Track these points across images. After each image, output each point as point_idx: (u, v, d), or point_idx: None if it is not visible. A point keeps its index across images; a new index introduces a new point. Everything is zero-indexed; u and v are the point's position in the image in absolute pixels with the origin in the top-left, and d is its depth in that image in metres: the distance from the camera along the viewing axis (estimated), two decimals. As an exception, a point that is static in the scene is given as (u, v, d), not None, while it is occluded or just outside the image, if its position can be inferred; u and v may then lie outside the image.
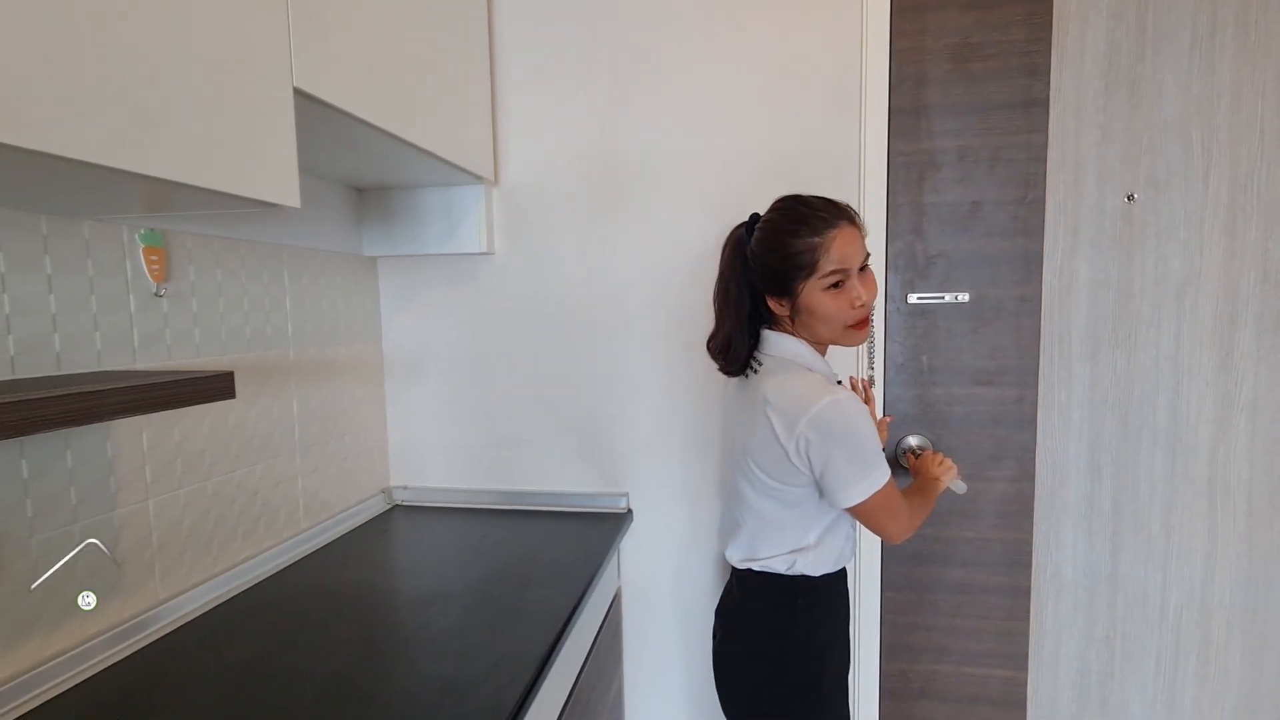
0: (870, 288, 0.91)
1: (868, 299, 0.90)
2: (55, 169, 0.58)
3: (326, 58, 0.84)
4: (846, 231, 0.88)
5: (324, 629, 0.96)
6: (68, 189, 0.70)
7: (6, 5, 0.49)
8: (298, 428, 1.24)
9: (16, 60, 0.50)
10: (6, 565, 0.76)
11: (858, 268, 0.89)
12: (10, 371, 0.76)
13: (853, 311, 0.89)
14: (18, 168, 0.58)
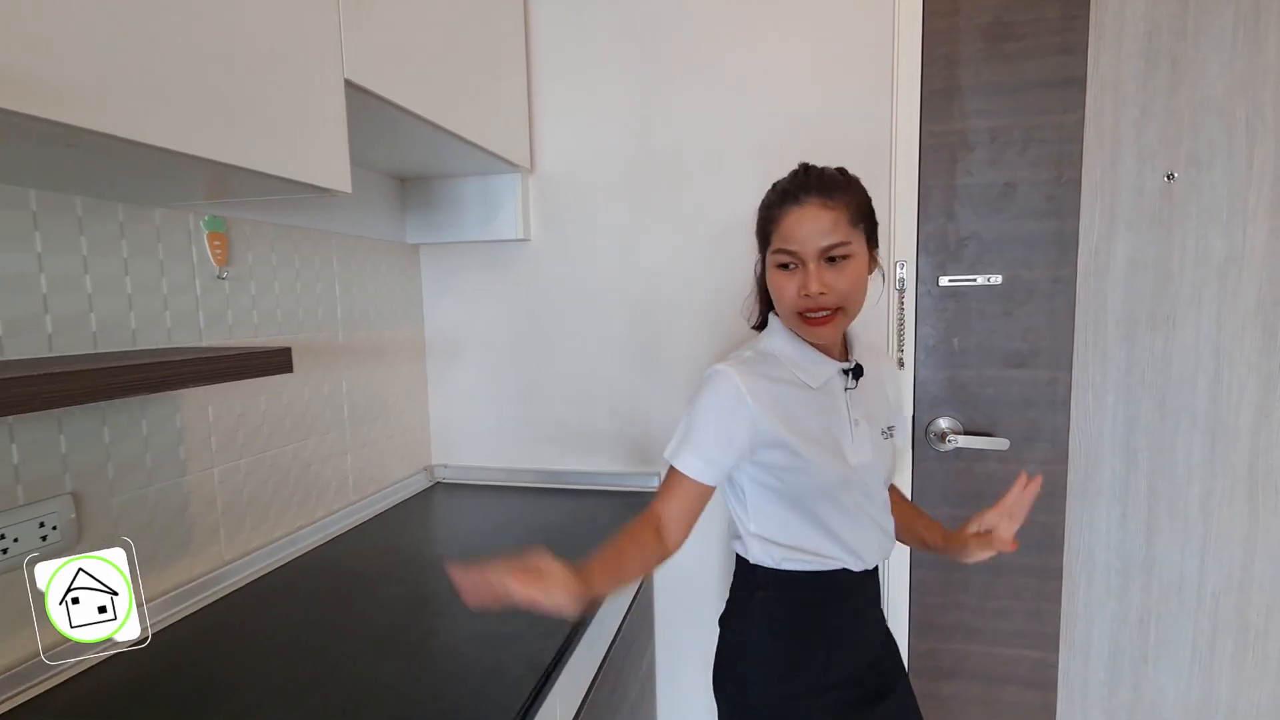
0: (829, 282, 0.80)
1: (815, 291, 0.79)
2: (140, 156, 0.64)
3: (374, 51, 0.89)
4: (809, 211, 0.80)
5: (375, 590, 1.02)
6: (144, 177, 0.77)
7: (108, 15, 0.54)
8: (346, 406, 1.30)
9: (114, 61, 0.55)
10: (90, 524, 0.83)
11: (818, 254, 0.80)
12: (93, 346, 0.83)
13: (799, 299, 0.82)
14: (110, 157, 0.64)
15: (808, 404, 0.86)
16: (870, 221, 0.86)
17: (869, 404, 0.92)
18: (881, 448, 0.92)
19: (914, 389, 1.38)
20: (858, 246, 0.82)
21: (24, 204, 0.75)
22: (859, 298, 0.84)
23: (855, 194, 0.83)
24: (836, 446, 0.86)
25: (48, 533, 0.77)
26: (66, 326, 0.80)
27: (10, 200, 0.74)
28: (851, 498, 0.88)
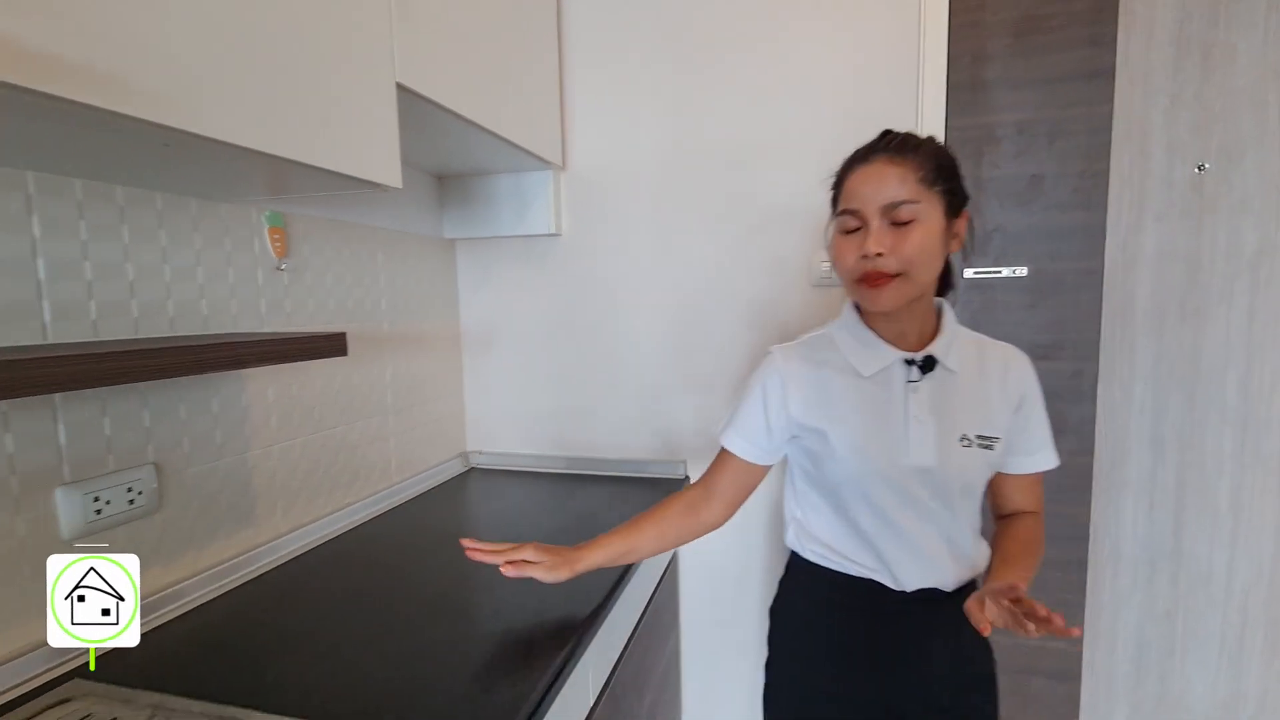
0: (890, 244, 0.74)
1: (873, 250, 0.74)
2: (219, 154, 0.71)
3: (421, 55, 0.95)
4: (875, 167, 0.76)
5: (420, 562, 1.09)
6: (216, 174, 0.84)
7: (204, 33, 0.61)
8: (390, 392, 1.38)
9: (207, 71, 0.62)
10: (169, 492, 0.91)
11: (880, 212, 0.74)
12: (169, 329, 0.91)
13: (860, 262, 0.76)
14: (193, 155, 0.71)
15: (854, 392, 0.83)
16: (950, 186, 0.76)
17: (948, 403, 0.80)
18: (959, 456, 0.79)
19: (938, 380, 1.40)
20: (929, 209, 0.74)
21: (111, 199, 0.83)
22: (927, 266, 0.76)
23: (932, 154, 0.76)
24: (883, 442, 0.80)
25: (134, 497, 0.85)
26: (149, 312, 0.88)
27: (100, 195, 0.82)
28: (894, 503, 0.81)
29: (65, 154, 0.71)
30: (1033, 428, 0.84)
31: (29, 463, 0.75)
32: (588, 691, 0.93)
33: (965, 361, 0.82)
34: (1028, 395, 0.83)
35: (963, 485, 0.81)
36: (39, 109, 0.52)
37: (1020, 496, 0.88)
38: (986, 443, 0.81)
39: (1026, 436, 0.84)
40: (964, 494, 0.82)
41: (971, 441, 0.80)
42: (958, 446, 0.80)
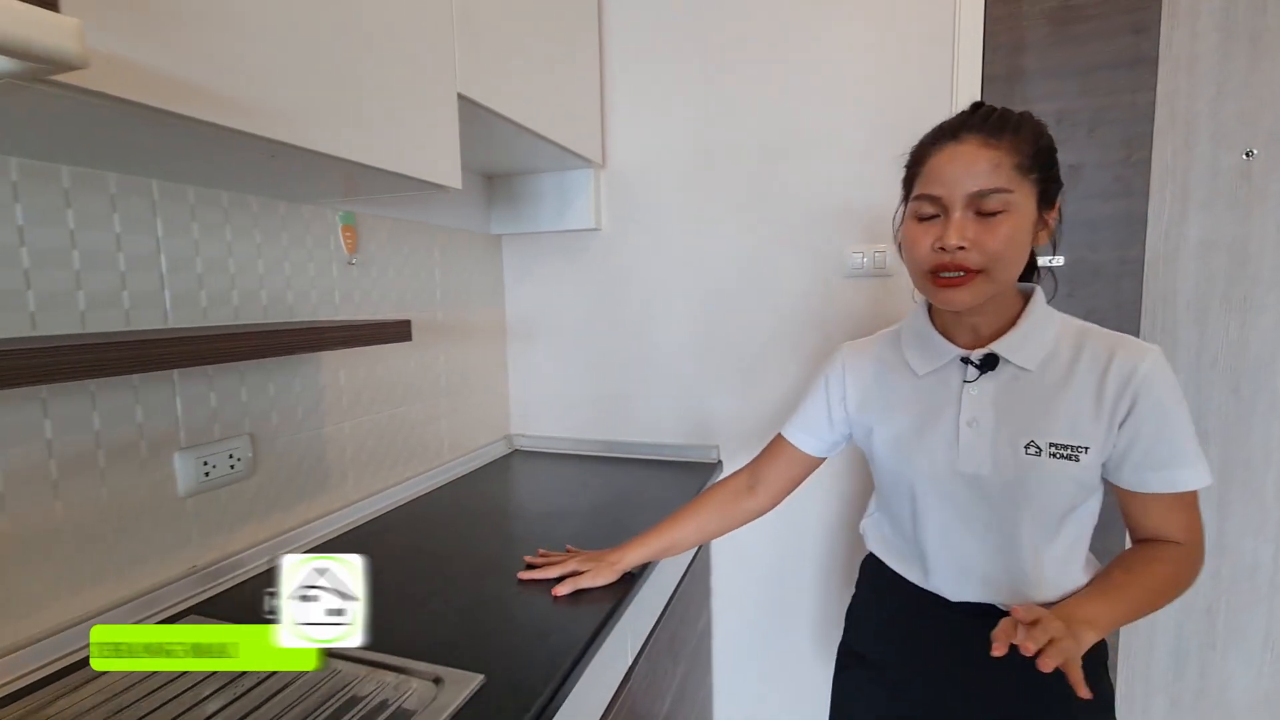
0: (974, 237, 0.67)
1: (954, 244, 0.66)
2: (311, 162, 0.81)
3: (479, 67, 1.04)
4: (966, 148, 0.67)
5: (471, 530, 1.19)
6: (303, 179, 0.95)
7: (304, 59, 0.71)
8: (443, 377, 1.49)
9: (305, 92, 0.72)
10: (262, 459, 1.04)
11: (966, 201, 0.67)
12: (262, 317, 1.04)
13: (935, 253, 0.69)
14: (288, 163, 0.82)
15: (908, 390, 0.80)
16: (1046, 173, 0.69)
17: (1017, 405, 0.73)
18: (1024, 465, 0.71)
19: (973, 369, 1.42)
20: (1022, 200, 0.67)
21: (217, 203, 0.96)
22: (1013, 263, 0.68)
23: (1032, 135, 0.68)
24: (929, 444, 0.77)
25: (234, 463, 0.98)
26: (246, 301, 1.00)
27: (209, 200, 0.94)
28: (939, 510, 0.77)
29: (182, 164, 0.83)
30: (1157, 437, 0.69)
31: (153, 430, 0.88)
32: (626, 651, 1.02)
33: (1052, 358, 0.72)
34: (1142, 398, 0.68)
35: (1030, 498, 0.72)
36: (175, 127, 0.63)
37: (1152, 520, 0.73)
38: (1067, 452, 0.70)
39: (1147, 448, 0.69)
40: (1037, 509, 0.72)
41: (1041, 450, 0.71)
42: (1023, 454, 0.71)
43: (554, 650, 0.77)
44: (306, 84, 0.73)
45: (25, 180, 0.74)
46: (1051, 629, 0.58)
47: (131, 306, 0.85)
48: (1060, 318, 0.76)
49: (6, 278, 0.72)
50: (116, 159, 0.79)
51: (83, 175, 0.79)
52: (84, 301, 0.80)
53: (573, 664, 0.75)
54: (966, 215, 0.68)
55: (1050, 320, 0.75)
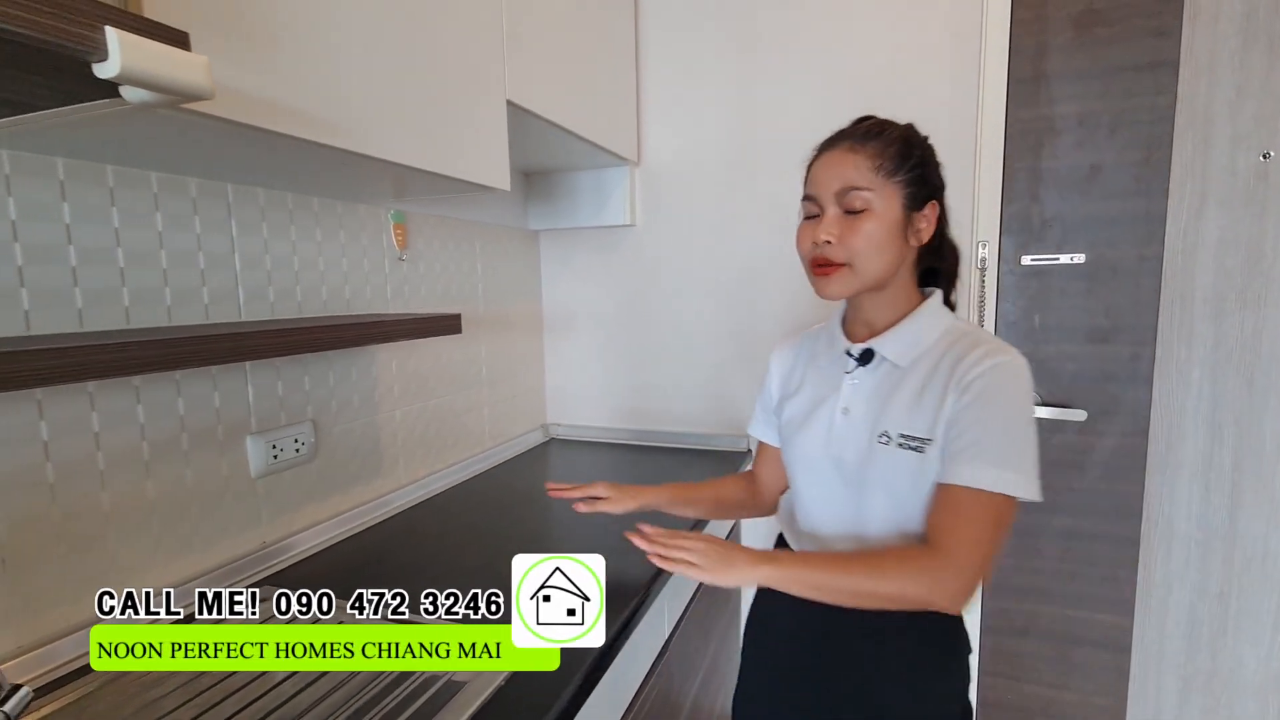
0: (838, 233, 0.74)
1: (821, 238, 0.74)
2: (372, 168, 0.87)
3: (527, 75, 1.09)
4: (837, 154, 0.76)
5: (513, 512, 1.26)
6: (361, 181, 1.01)
7: (369, 80, 0.77)
8: (484, 368, 1.56)
9: (373, 106, 0.78)
10: (323, 444, 1.11)
11: (834, 198, 0.75)
12: (322, 310, 1.10)
13: (811, 248, 0.77)
14: (354, 169, 0.88)
15: (810, 377, 0.88)
16: (914, 176, 0.75)
17: (884, 398, 0.77)
18: (875, 453, 0.75)
19: (993, 363, 1.46)
20: (883, 201, 0.73)
21: (283, 205, 1.02)
22: (875, 259, 0.74)
23: (897, 142, 0.75)
24: (815, 428, 0.83)
25: (299, 447, 1.05)
26: (311, 296, 1.07)
27: (276, 201, 1.00)
28: (814, 489, 0.84)
29: (256, 170, 0.89)
30: (965, 429, 0.70)
31: (229, 416, 0.95)
32: (664, 624, 1.08)
33: (924, 357, 0.76)
34: (969, 392, 0.70)
35: (877, 483, 0.76)
36: (268, 142, 0.69)
37: (931, 516, 0.71)
38: (914, 444, 0.73)
39: (954, 437, 0.70)
40: (883, 493, 0.76)
41: (890, 439, 0.74)
42: (876, 443, 0.75)
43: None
44: (380, 101, 0.79)
45: (120, 186, 0.80)
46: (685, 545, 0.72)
47: (210, 302, 0.92)
48: (951, 323, 0.79)
49: (105, 275, 0.79)
50: (200, 166, 0.85)
51: (168, 181, 0.86)
52: (170, 298, 0.87)
53: (621, 627, 0.82)
54: (836, 213, 0.75)
55: (937, 323, 0.79)
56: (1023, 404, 0.71)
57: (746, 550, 0.74)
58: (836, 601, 0.71)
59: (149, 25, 0.45)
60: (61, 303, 0.74)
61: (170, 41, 0.46)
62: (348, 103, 0.74)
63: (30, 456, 0.72)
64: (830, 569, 0.71)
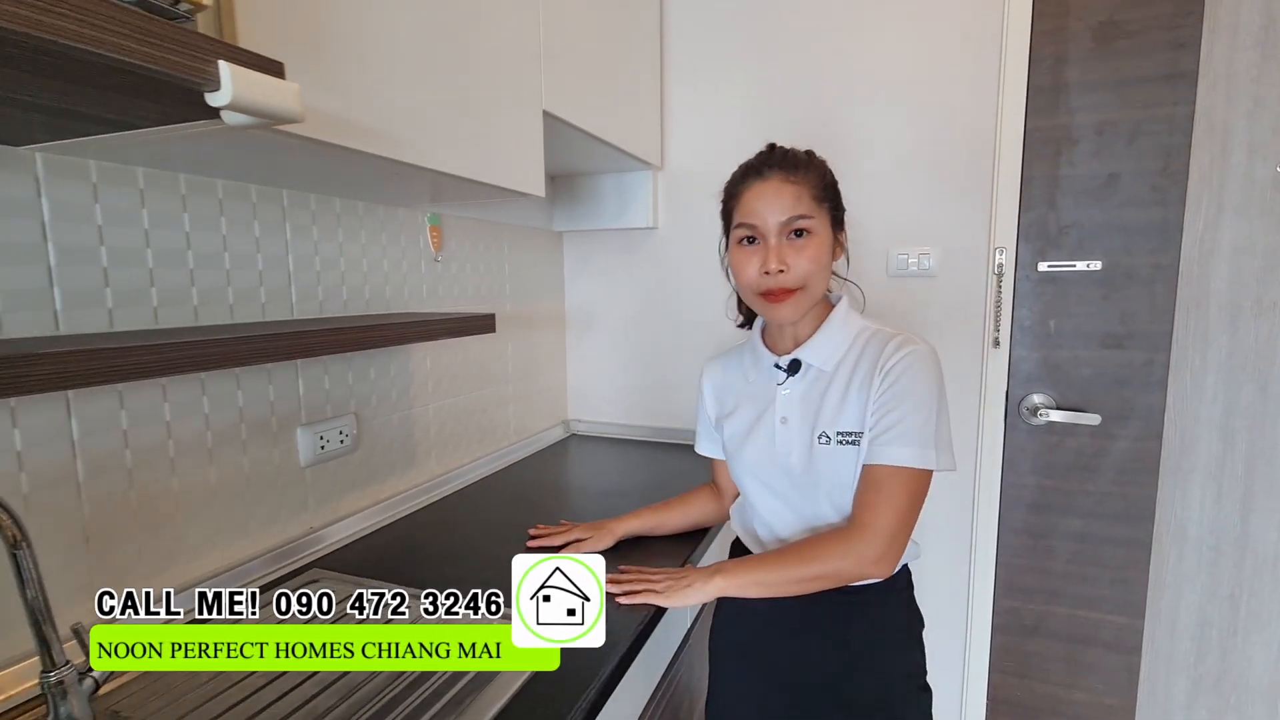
0: (789, 260, 0.79)
1: (775, 267, 0.79)
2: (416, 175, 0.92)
3: (561, 86, 1.14)
4: (771, 185, 0.81)
5: (541, 503, 1.31)
6: (404, 188, 1.07)
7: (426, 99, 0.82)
8: (510, 365, 1.61)
9: (423, 120, 0.83)
10: (363, 436, 1.17)
11: (779, 229, 0.80)
12: (365, 309, 1.16)
13: (762, 277, 0.81)
14: (405, 177, 0.93)
15: (745, 394, 0.93)
16: (834, 202, 0.85)
17: (816, 402, 0.84)
18: (818, 454, 0.82)
19: (1009, 366, 1.49)
20: (820, 224, 0.81)
21: (331, 208, 1.08)
22: (822, 277, 0.82)
23: (819, 172, 0.83)
24: (758, 441, 0.88)
25: (343, 439, 1.11)
26: (355, 296, 1.13)
27: (325, 206, 1.06)
28: (767, 496, 0.89)
29: (311, 177, 0.95)
30: (883, 412, 0.78)
31: (281, 408, 1.01)
32: (686, 618, 1.13)
33: (845, 359, 0.84)
34: (887, 378, 0.79)
35: (824, 479, 0.82)
36: (335, 155, 0.75)
37: (857, 495, 0.80)
38: (851, 438, 0.80)
39: (874, 422, 0.79)
40: (830, 488, 0.82)
41: (830, 439, 0.81)
42: (817, 444, 0.82)
43: (628, 610, 0.89)
44: (433, 116, 0.85)
45: (191, 193, 0.86)
46: (647, 579, 0.86)
47: (267, 301, 0.98)
48: (862, 324, 0.87)
49: (176, 277, 0.85)
50: (261, 174, 0.91)
51: (232, 188, 0.92)
52: (232, 296, 0.93)
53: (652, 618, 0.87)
54: (780, 240, 0.80)
55: (849, 325, 0.86)
56: (934, 386, 0.80)
57: (699, 570, 0.86)
58: (785, 593, 0.80)
59: (252, 57, 0.51)
60: (139, 301, 0.80)
61: (268, 71, 0.52)
62: (405, 118, 0.80)
63: (112, 443, 0.78)
64: (770, 565, 0.81)
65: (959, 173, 1.45)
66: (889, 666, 0.86)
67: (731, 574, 0.82)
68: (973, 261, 1.47)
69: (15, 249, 0.69)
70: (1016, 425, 1.51)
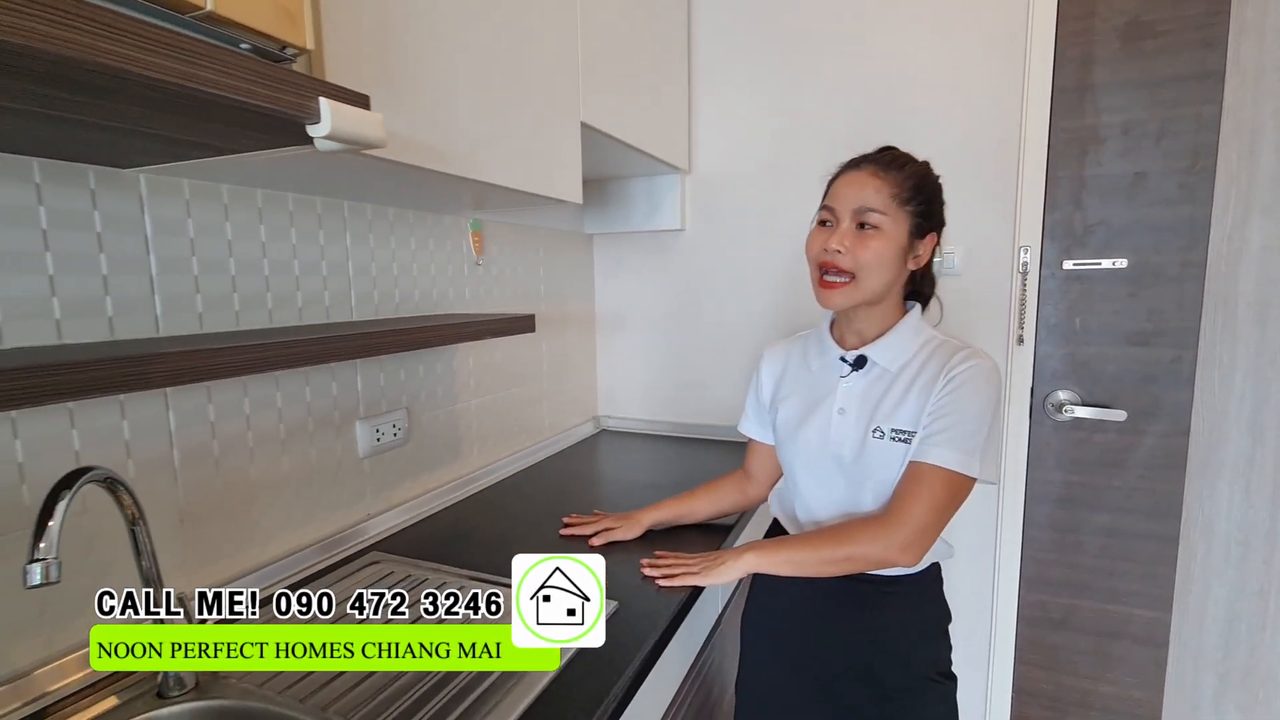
0: (850, 245, 0.83)
1: (834, 246, 0.83)
2: (470, 187, 0.99)
3: (598, 98, 1.21)
4: (860, 175, 0.85)
5: (576, 494, 1.38)
6: (453, 197, 1.14)
7: (482, 117, 0.89)
8: (545, 363, 1.68)
9: (484, 140, 0.90)
10: (414, 430, 1.25)
11: (852, 215, 0.84)
12: (414, 311, 1.24)
13: (822, 251, 0.86)
14: (450, 188, 1.00)
15: (804, 381, 0.96)
16: (923, 210, 0.86)
17: (877, 398, 0.88)
18: (871, 447, 0.86)
19: (1034, 364, 1.52)
20: (892, 224, 0.83)
21: (385, 216, 1.15)
22: (878, 275, 0.84)
23: (914, 177, 0.85)
24: (813, 428, 0.91)
25: (396, 432, 1.19)
26: (406, 298, 1.21)
27: (381, 214, 1.14)
28: (809, 478, 0.92)
29: (373, 190, 1.03)
30: (937, 415, 0.82)
31: (343, 403, 1.09)
32: (718, 602, 1.19)
33: (910, 363, 0.87)
34: (945, 384, 0.82)
35: (872, 472, 0.85)
36: (393, 172, 0.82)
37: (898, 485, 0.84)
38: (903, 436, 0.84)
39: (928, 422, 0.82)
40: (875, 481, 0.85)
41: (884, 434, 0.85)
42: (870, 438, 0.85)
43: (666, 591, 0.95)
44: (485, 133, 0.92)
45: (266, 206, 0.95)
46: (684, 562, 0.93)
47: (330, 304, 1.06)
48: (931, 334, 0.90)
49: (253, 284, 0.93)
50: (327, 188, 0.99)
51: (301, 201, 1.00)
52: (301, 300, 1.01)
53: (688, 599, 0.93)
54: (850, 227, 0.84)
55: (919, 334, 0.90)
56: (991, 400, 0.83)
57: (732, 550, 0.91)
58: (815, 573, 0.85)
59: (344, 93, 0.58)
60: (223, 306, 0.89)
61: (357, 104, 0.59)
62: (463, 137, 0.87)
63: (202, 435, 0.87)
64: (802, 545, 0.86)
65: (984, 173, 1.48)
66: (915, 655, 0.89)
67: (764, 552, 0.87)
68: (997, 260, 1.49)
69: (126, 261, 0.77)
70: (1042, 421, 1.53)
